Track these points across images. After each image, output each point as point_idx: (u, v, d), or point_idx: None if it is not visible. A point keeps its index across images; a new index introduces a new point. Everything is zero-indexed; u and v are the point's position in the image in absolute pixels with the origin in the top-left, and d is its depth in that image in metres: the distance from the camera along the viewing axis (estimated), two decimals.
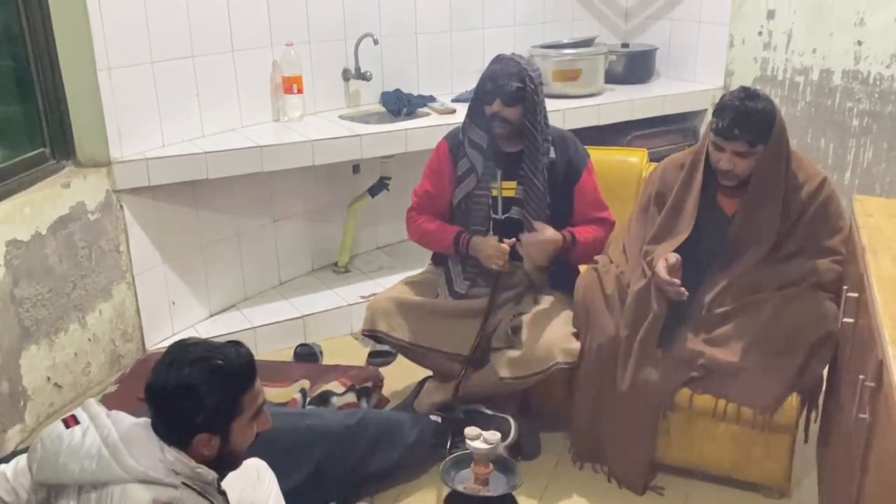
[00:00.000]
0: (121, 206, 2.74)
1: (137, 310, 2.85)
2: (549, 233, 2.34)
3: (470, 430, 1.86)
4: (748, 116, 2.13)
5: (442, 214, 2.52)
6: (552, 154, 2.39)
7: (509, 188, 2.41)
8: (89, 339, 2.65)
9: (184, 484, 1.44)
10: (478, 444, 1.77)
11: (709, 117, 2.33)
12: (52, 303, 2.49)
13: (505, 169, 2.40)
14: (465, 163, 2.42)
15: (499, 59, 2.38)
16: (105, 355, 2.73)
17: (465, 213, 2.44)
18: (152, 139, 2.85)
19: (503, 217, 2.42)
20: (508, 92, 2.30)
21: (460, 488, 1.75)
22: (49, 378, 2.49)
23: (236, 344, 1.55)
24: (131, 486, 1.40)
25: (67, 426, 1.47)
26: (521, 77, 2.32)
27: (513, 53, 2.43)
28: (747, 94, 2.17)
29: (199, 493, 1.46)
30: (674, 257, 2.22)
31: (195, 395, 1.46)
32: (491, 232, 2.42)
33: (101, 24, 2.58)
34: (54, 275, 2.49)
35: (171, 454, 1.46)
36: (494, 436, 1.84)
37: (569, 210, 2.44)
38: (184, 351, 1.51)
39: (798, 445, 2.23)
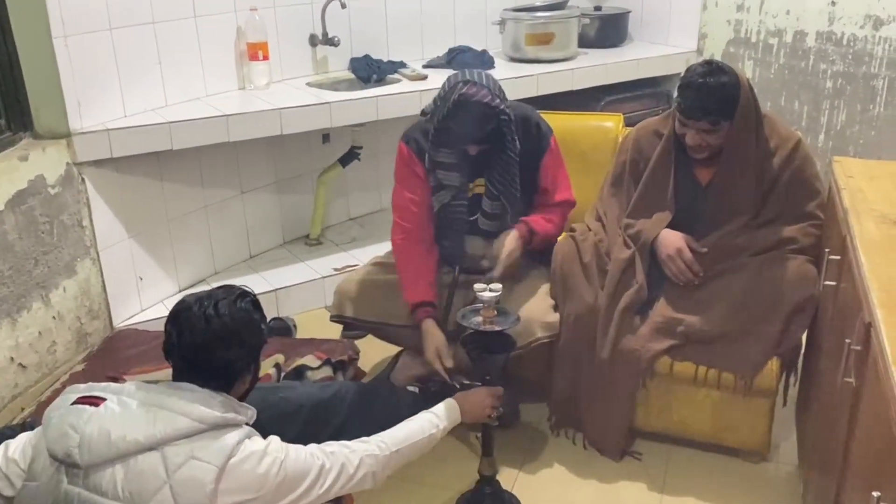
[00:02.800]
0: (82, 180, 2.64)
1: (103, 286, 2.77)
2: (508, 243, 2.27)
3: (478, 284, 2.03)
4: (710, 95, 2.10)
5: (423, 221, 2.34)
6: (517, 143, 2.25)
7: (479, 185, 2.32)
8: (54, 318, 2.57)
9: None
10: (486, 294, 2.00)
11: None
12: (12, 280, 2.40)
13: (475, 170, 2.29)
14: (434, 177, 2.29)
15: (463, 104, 2.12)
16: (71, 333, 2.65)
17: (442, 223, 2.34)
18: (114, 109, 2.75)
19: (477, 216, 2.35)
20: (483, 137, 2.17)
21: (476, 328, 2.02)
22: (12, 359, 2.41)
23: (227, 286, 1.63)
24: (203, 437, 1.44)
25: (94, 406, 1.47)
26: (493, 117, 2.14)
27: (472, 82, 2.14)
28: (709, 69, 2.13)
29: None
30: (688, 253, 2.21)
31: (248, 333, 1.56)
32: (466, 243, 2.36)
33: None
34: (14, 252, 2.40)
35: (220, 396, 1.51)
36: (497, 286, 2.02)
37: (535, 187, 2.36)
38: (206, 298, 1.56)
39: (777, 409, 2.23)
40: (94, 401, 1.48)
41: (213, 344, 1.52)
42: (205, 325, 1.52)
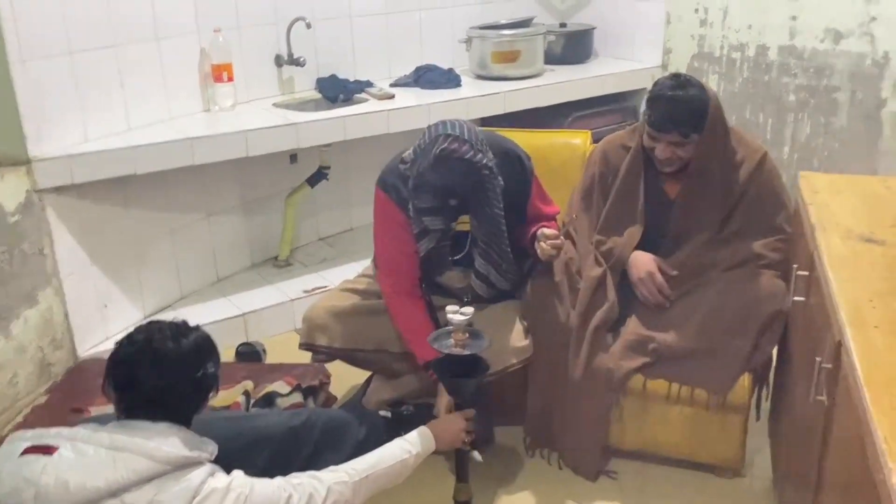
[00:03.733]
0: (43, 207, 2.58)
1: (66, 315, 2.70)
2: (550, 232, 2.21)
3: (450, 307, 2.00)
4: (679, 108, 2.11)
5: (411, 267, 2.26)
6: (500, 182, 2.17)
7: (462, 222, 2.25)
8: (14, 349, 2.50)
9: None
10: (457, 317, 1.97)
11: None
12: None
13: (458, 211, 2.21)
14: (418, 223, 2.19)
15: (444, 159, 2.01)
16: (33, 365, 2.59)
17: (426, 265, 2.27)
18: (75, 134, 2.69)
19: (462, 255, 2.29)
20: (467, 191, 2.11)
21: (448, 352, 1.99)
22: None
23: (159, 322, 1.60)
24: (166, 479, 1.39)
25: (46, 455, 1.41)
26: (475, 172, 2.06)
27: (453, 136, 2.04)
28: (677, 82, 2.15)
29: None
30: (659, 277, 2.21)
31: (209, 353, 1.56)
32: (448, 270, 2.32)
33: (11, 14, 2.40)
34: None
35: (180, 432, 1.48)
36: (469, 309, 1.99)
37: (521, 220, 2.30)
38: (159, 332, 1.54)
39: (750, 423, 2.23)
40: (47, 449, 1.41)
41: (185, 370, 1.50)
42: (176, 351, 1.50)
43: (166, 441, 1.43)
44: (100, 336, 2.84)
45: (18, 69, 2.45)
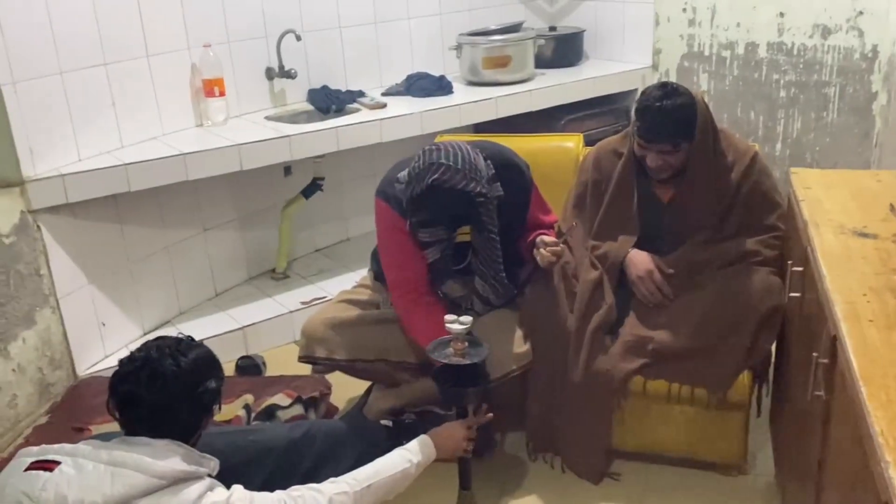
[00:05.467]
0: (38, 227, 2.58)
1: (65, 334, 2.70)
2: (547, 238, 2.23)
3: (448, 316, 2.01)
4: (668, 118, 2.12)
5: (421, 272, 2.25)
6: (499, 191, 2.17)
7: (464, 233, 2.26)
8: (14, 370, 2.50)
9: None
10: (455, 326, 1.98)
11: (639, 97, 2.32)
12: None
13: (458, 221, 2.23)
14: (421, 235, 2.20)
15: (435, 189, 2.01)
16: (33, 385, 2.58)
17: (430, 275, 2.27)
18: (67, 154, 2.69)
19: (464, 265, 2.30)
20: (459, 218, 2.14)
21: (447, 361, 2.00)
22: None
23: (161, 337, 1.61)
24: (164, 494, 1.39)
25: (47, 471, 1.41)
26: (467, 202, 2.06)
27: (443, 165, 2.02)
28: (665, 92, 2.15)
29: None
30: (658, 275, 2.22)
31: (215, 370, 1.57)
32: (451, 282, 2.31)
33: (0, 36, 2.42)
34: None
35: (181, 448, 1.48)
36: (467, 318, 2.00)
37: (519, 230, 2.32)
38: (158, 350, 1.54)
39: (752, 420, 2.23)
40: (48, 465, 1.43)
41: (184, 390, 1.50)
42: (176, 371, 1.49)
43: (165, 457, 1.43)
44: (99, 355, 2.84)
45: (10, 90, 2.46)
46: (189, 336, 1.64)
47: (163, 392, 1.50)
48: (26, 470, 1.43)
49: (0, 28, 2.41)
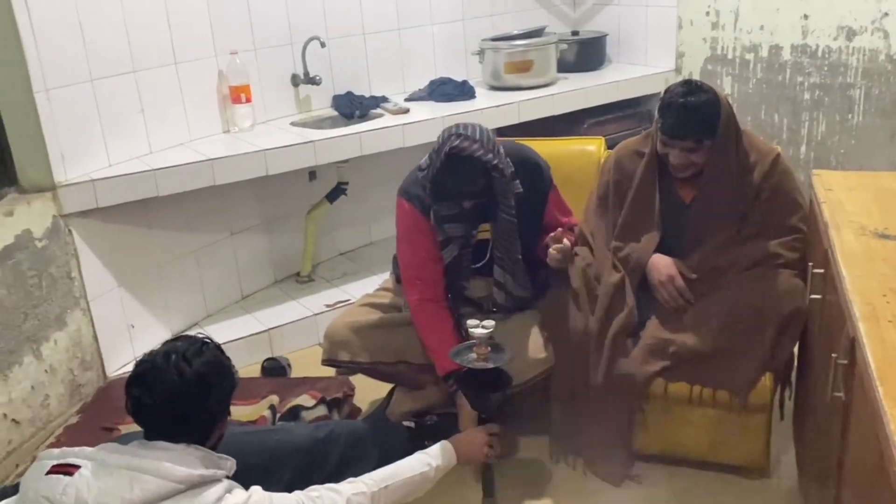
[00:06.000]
0: (69, 231, 2.65)
1: (95, 336, 2.76)
2: (562, 233, 2.24)
3: (471, 321, 2.03)
4: (692, 114, 2.12)
5: (436, 275, 2.29)
6: (519, 188, 2.22)
7: (484, 230, 2.29)
8: (46, 371, 2.56)
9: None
10: (478, 331, 1.99)
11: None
12: (2, 336, 2.39)
13: (478, 217, 2.26)
14: (441, 231, 2.24)
15: (454, 158, 2.08)
16: (64, 386, 2.64)
17: (449, 274, 2.30)
18: (98, 159, 2.76)
19: (483, 263, 2.32)
20: (477, 191, 2.15)
21: (471, 366, 2.00)
22: (5, 415, 2.40)
23: (180, 336, 1.62)
24: (182, 498, 1.41)
25: (68, 475, 1.43)
26: (483, 172, 2.11)
27: (464, 135, 2.11)
28: (689, 88, 2.15)
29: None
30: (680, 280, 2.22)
31: (223, 379, 1.55)
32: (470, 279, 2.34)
33: (34, 45, 2.48)
34: (4, 307, 2.40)
35: (198, 451, 1.49)
36: (490, 322, 2.01)
37: (538, 229, 2.34)
38: (164, 357, 1.53)
39: (775, 424, 2.23)
40: (69, 469, 1.44)
41: (190, 394, 1.49)
42: (178, 376, 1.48)
43: (182, 460, 1.45)
44: (128, 356, 2.89)
45: (42, 98, 2.53)
46: (206, 338, 1.61)
47: (166, 401, 1.50)
48: (47, 473, 1.45)
49: (34, 37, 2.48)
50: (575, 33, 4.08)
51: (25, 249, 2.48)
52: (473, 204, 2.17)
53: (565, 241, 2.23)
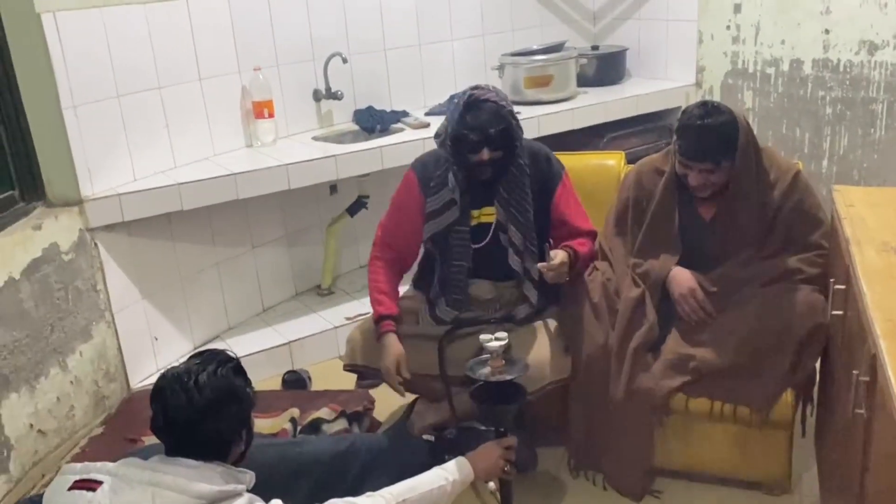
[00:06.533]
0: (95, 244, 2.69)
1: (119, 348, 2.80)
2: (560, 256, 2.24)
3: (483, 335, 2.05)
4: (709, 136, 2.13)
5: (407, 248, 2.43)
6: (527, 171, 2.30)
7: (488, 213, 2.33)
8: (71, 382, 2.60)
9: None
10: (492, 344, 2.01)
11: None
12: (30, 348, 2.43)
13: (482, 195, 2.31)
14: (442, 195, 2.30)
15: (474, 104, 2.20)
16: (89, 397, 2.68)
17: (446, 247, 2.34)
18: (123, 174, 2.80)
19: (483, 244, 2.34)
20: (496, 138, 2.20)
21: (485, 379, 2.02)
22: (32, 425, 2.43)
23: (209, 352, 1.62)
24: None
25: (90, 490, 1.44)
26: (502, 117, 2.20)
27: (481, 87, 2.26)
28: (706, 110, 2.16)
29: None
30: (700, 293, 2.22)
31: (232, 401, 1.54)
32: (470, 264, 2.34)
33: (63, 62, 2.54)
34: (31, 319, 2.44)
35: (219, 467, 1.50)
36: (503, 334, 2.04)
37: (545, 223, 2.37)
38: (184, 374, 1.54)
39: (797, 440, 2.21)
40: (91, 484, 1.45)
41: (199, 419, 1.50)
42: (187, 402, 1.50)
43: (202, 476, 1.46)
44: (151, 368, 2.93)
45: (71, 115, 2.58)
46: (221, 359, 1.59)
47: (178, 423, 1.51)
48: (70, 489, 1.46)
49: (63, 55, 2.53)
50: (595, 48, 4.09)
51: (52, 262, 2.52)
52: (490, 158, 2.21)
53: (559, 254, 2.23)
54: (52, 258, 2.52)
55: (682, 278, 2.25)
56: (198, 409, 1.50)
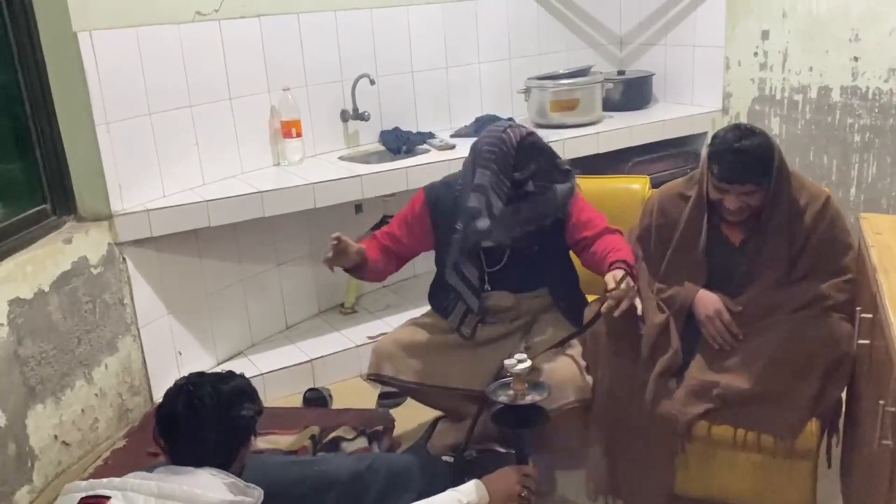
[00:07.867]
0: (123, 259, 2.73)
1: (144, 362, 2.83)
2: (618, 275, 2.20)
3: (508, 360, 2.05)
4: (747, 158, 2.11)
5: (398, 256, 2.53)
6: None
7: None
8: (96, 395, 2.63)
9: None
10: (517, 367, 2.01)
11: (709, 140, 2.32)
12: (57, 360, 2.46)
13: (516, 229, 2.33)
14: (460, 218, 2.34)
15: (530, 147, 2.30)
16: (113, 410, 2.71)
17: (455, 251, 2.39)
18: (153, 190, 2.85)
19: (498, 268, 2.38)
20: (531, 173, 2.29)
21: (507, 402, 2.02)
22: (56, 437, 2.46)
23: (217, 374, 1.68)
24: None
25: None
26: (549, 156, 2.34)
27: (528, 131, 2.34)
28: (740, 133, 2.14)
29: None
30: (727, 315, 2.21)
31: (250, 396, 1.60)
32: (487, 285, 2.39)
33: (97, 80, 2.59)
34: (59, 331, 2.48)
35: (228, 478, 1.52)
36: (524, 356, 2.05)
37: (559, 234, 2.38)
38: (201, 381, 1.61)
39: (822, 471, 2.18)
40: (100, 501, 1.46)
41: (201, 426, 1.55)
42: (191, 410, 1.56)
43: (211, 487, 1.47)
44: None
45: (103, 132, 2.63)
46: (214, 383, 1.64)
47: (183, 441, 1.58)
48: None
49: (97, 73, 2.59)
50: (621, 73, 4.11)
51: (81, 276, 2.56)
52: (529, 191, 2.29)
53: (617, 274, 2.18)
54: (81, 271, 2.56)
55: (709, 300, 2.24)
56: (200, 418, 1.55)
